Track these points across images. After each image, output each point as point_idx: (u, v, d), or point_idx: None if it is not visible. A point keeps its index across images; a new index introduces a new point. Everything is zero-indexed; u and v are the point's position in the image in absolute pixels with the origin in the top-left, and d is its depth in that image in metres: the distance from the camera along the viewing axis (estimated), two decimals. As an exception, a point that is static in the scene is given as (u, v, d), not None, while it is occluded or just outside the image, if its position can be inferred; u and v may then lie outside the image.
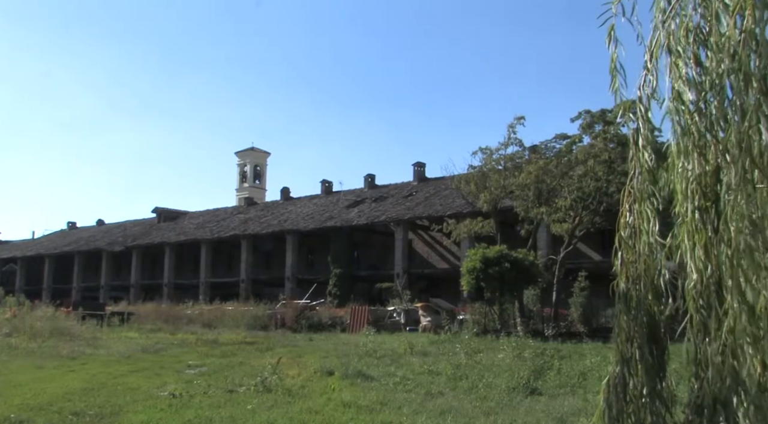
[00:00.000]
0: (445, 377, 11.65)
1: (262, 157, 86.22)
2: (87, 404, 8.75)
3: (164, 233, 56.45)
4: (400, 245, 40.53)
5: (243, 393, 9.79)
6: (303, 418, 7.89)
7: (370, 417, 7.96)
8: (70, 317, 26.44)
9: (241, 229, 50.03)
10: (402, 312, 28.50)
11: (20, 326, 21.92)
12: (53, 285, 60.28)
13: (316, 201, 52.49)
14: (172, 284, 51.85)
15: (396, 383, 10.98)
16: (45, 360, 14.77)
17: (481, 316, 24.21)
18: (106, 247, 57.61)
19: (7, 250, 71.18)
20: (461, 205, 35.07)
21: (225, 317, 30.09)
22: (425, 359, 14.48)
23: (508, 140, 27.45)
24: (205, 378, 11.56)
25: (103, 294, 54.91)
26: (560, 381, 11.15)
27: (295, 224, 46.74)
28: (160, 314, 31.89)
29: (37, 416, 8.02)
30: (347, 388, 10.33)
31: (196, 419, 7.83)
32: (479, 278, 22.70)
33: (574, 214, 24.24)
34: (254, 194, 72.85)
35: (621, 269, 3.28)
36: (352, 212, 45.54)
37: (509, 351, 14.63)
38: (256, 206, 59.42)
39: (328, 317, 30.07)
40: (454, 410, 8.41)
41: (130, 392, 9.87)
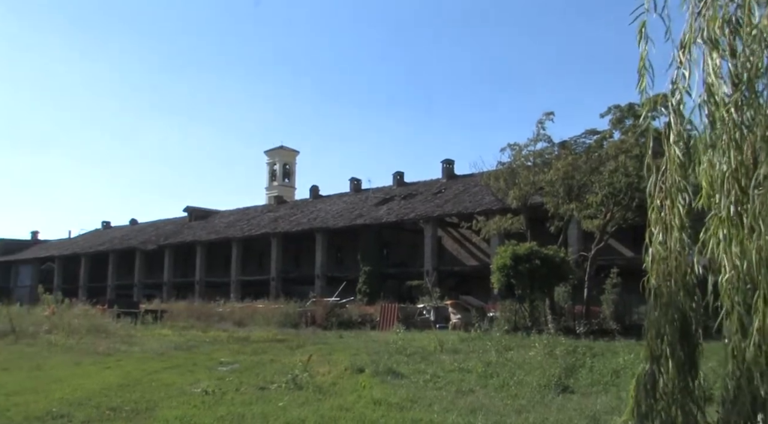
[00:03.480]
0: (476, 375, 11.61)
1: (291, 156, 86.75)
2: (123, 400, 8.93)
3: (196, 232, 57.15)
4: (430, 243, 40.43)
5: (274, 390, 9.88)
6: (334, 415, 7.93)
7: (401, 415, 7.97)
8: (105, 315, 27.01)
9: (271, 227, 50.40)
10: (432, 310, 28.43)
11: (59, 323, 22.46)
12: (89, 283, 61.50)
13: (346, 199, 52.63)
14: (204, 282, 52.47)
15: (426, 380, 10.98)
16: (82, 356, 15.11)
17: (511, 313, 24.03)
18: (140, 246, 58.56)
19: (45, 249, 72.75)
20: (490, 202, 34.84)
21: (256, 315, 30.39)
22: (455, 357, 14.44)
23: (537, 136, 27.21)
24: (236, 375, 11.70)
25: (136, 292, 55.82)
26: (593, 379, 11.02)
27: (324, 222, 46.94)
28: (192, 312, 32.31)
29: (76, 410, 8.21)
30: (377, 385, 10.36)
31: (229, 415, 7.92)
32: (509, 275, 22.55)
33: (605, 210, 23.93)
34: (284, 193, 73.35)
35: (652, 265, 3.24)
36: (381, 209, 45.57)
37: (540, 349, 14.50)
38: (285, 205, 59.81)
39: (357, 314, 30.15)
40: (485, 408, 8.38)
41: (164, 389, 10.05)
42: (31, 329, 21.48)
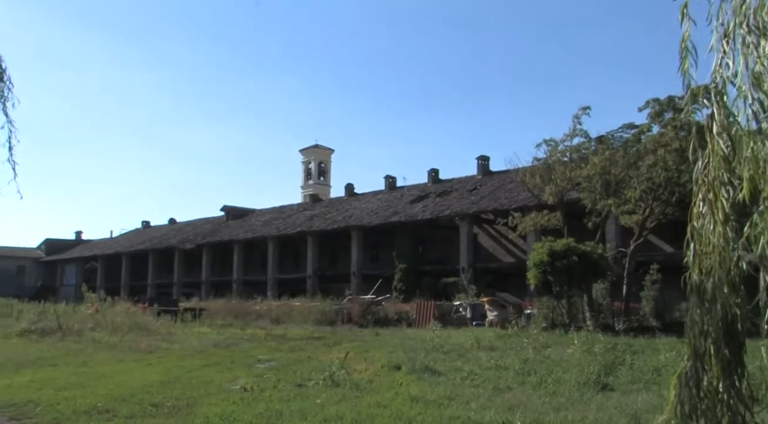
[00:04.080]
0: (513, 372, 11.52)
1: (326, 154, 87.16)
2: (164, 396, 9.10)
3: (233, 231, 57.88)
4: (465, 240, 40.24)
5: (312, 387, 9.95)
6: (371, 412, 7.95)
7: (438, 412, 7.96)
8: (146, 313, 27.57)
9: (307, 225, 50.76)
10: (468, 307, 28.33)
11: (102, 321, 23.02)
12: (130, 282, 62.83)
13: (381, 197, 52.71)
14: (241, 280, 53.09)
15: (463, 377, 10.94)
16: (125, 353, 15.46)
17: (548, 310, 23.80)
18: (178, 245, 59.55)
19: (89, 248, 74.56)
20: (526, 198, 34.54)
21: (293, 313, 30.68)
22: (492, 354, 14.35)
23: (574, 131, 26.90)
24: (274, 372, 11.81)
25: (175, 290, 56.77)
26: (633, 377, 10.84)
27: (359, 220, 47.08)
28: (230, 310, 32.74)
29: (120, 406, 8.40)
30: (414, 383, 10.36)
31: (267, 412, 8.00)
32: (546, 272, 22.35)
33: (644, 205, 23.52)
34: (319, 191, 73.77)
35: (693, 261, 3.16)
36: (417, 206, 45.53)
37: (578, 346, 14.31)
38: (321, 203, 60.18)
39: (394, 312, 30.19)
40: (523, 406, 8.31)
41: (203, 386, 10.20)
42: (76, 326, 22.06)
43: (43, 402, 8.75)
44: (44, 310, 27.99)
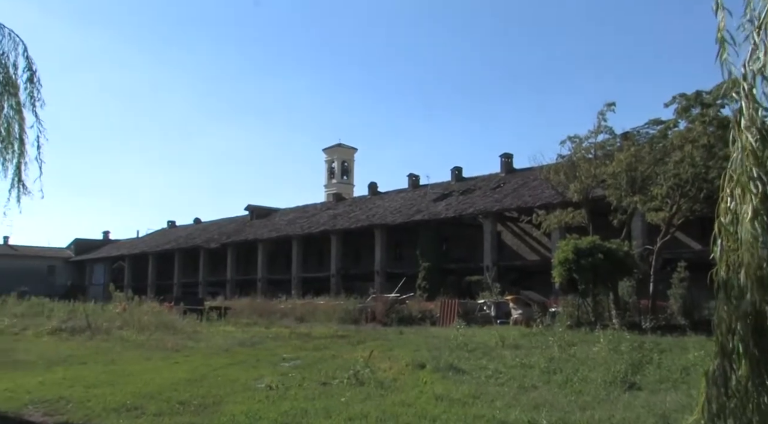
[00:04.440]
0: (539, 371, 11.46)
1: (349, 153, 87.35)
2: (191, 394, 9.21)
3: (257, 230, 58.26)
4: (489, 238, 40.06)
5: (336, 386, 10.00)
6: (396, 411, 7.96)
7: (463, 410, 7.94)
8: (172, 312, 27.90)
9: (331, 224, 50.91)
10: (492, 305, 28.20)
11: (130, 319, 23.37)
12: (156, 281, 63.61)
13: (404, 195, 52.68)
14: (266, 279, 53.41)
15: (488, 376, 10.90)
16: (152, 352, 15.67)
17: (574, 308, 23.59)
18: (203, 244, 60.11)
19: (116, 248, 75.62)
20: (551, 196, 34.26)
21: (317, 311, 30.81)
22: (517, 353, 14.27)
23: (598, 128, 26.61)
24: (299, 371, 11.88)
25: (201, 290, 57.27)
26: (661, 376, 10.71)
27: (383, 219, 47.10)
28: (255, 309, 32.98)
29: (148, 403, 8.53)
30: (439, 381, 10.35)
31: (292, 410, 8.05)
32: (571, 270, 22.14)
33: (671, 202, 23.19)
34: (342, 190, 73.94)
35: (721, 257, 3.11)
36: (440, 205, 45.42)
37: (605, 344, 14.18)
38: (344, 202, 60.31)
39: (417, 310, 30.16)
40: (549, 404, 8.26)
41: (229, 384, 10.30)
42: (105, 325, 22.41)
43: (74, 399, 8.92)
44: (74, 309, 28.49)
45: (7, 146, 7.99)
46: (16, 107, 8.03)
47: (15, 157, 8.06)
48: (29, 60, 8.11)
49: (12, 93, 7.98)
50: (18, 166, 8.09)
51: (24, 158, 8.12)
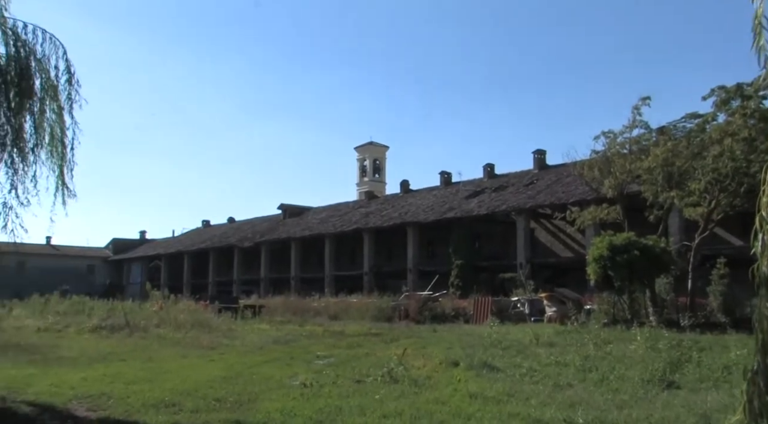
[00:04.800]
0: (574, 369, 11.32)
1: (381, 152, 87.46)
2: (227, 392, 9.32)
3: (290, 229, 58.67)
4: (522, 235, 39.74)
5: (370, 383, 10.02)
6: (430, 408, 7.95)
7: (497, 408, 7.89)
8: (207, 310, 28.31)
9: (363, 222, 51.02)
10: (526, 302, 27.98)
11: (166, 318, 23.79)
12: (192, 280, 64.51)
13: (436, 192, 52.53)
14: (299, 277, 53.76)
15: (522, 374, 10.82)
16: (188, 349, 15.91)
17: (609, 306, 23.25)
18: (237, 243, 60.76)
19: (153, 248, 76.95)
20: (585, 192, 33.81)
21: (350, 309, 30.92)
22: (552, 350, 14.14)
23: (633, 123, 26.15)
24: (333, 368, 11.94)
25: (235, 288, 57.85)
26: (701, 374, 10.48)
27: (415, 216, 47.04)
28: (289, 307, 33.24)
29: (185, 400, 8.66)
30: (473, 379, 10.30)
31: (327, 407, 8.10)
32: (606, 267, 21.81)
33: (709, 197, 22.68)
34: (374, 188, 74.04)
35: (762, 253, 3.03)
36: (472, 202, 45.18)
37: (641, 342, 13.94)
38: (376, 200, 60.38)
39: (450, 308, 30.07)
40: (585, 403, 8.16)
41: (264, 381, 10.40)
42: (142, 323, 22.86)
43: (114, 395, 9.12)
44: (113, 307, 29.10)
45: (52, 151, 8.20)
46: (58, 111, 8.24)
47: (58, 160, 8.26)
48: (68, 62, 8.30)
49: (53, 96, 8.19)
50: (61, 169, 8.29)
51: (66, 161, 8.31)
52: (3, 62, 8.05)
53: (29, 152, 8.21)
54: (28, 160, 8.20)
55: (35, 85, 8.16)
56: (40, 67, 8.17)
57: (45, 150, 8.24)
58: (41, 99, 8.23)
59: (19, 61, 8.03)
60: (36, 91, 8.16)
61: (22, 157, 8.13)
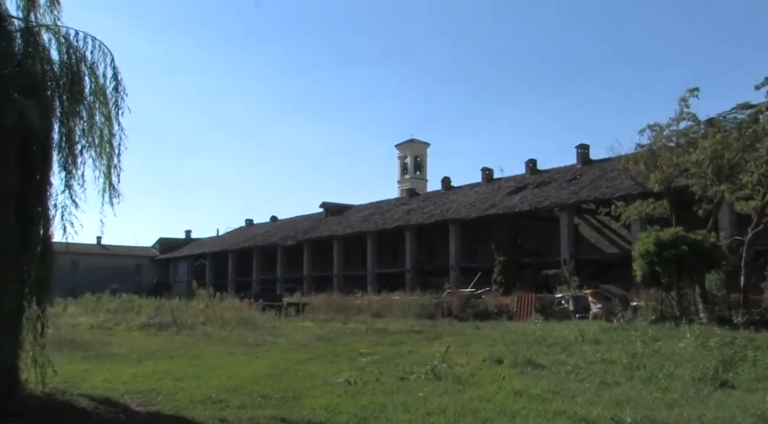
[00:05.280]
0: (621, 366, 11.10)
1: (422, 149, 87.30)
2: (272, 388, 9.43)
3: (332, 227, 59.07)
4: (566, 230, 39.24)
5: (414, 381, 10.01)
6: (474, 406, 7.90)
7: (542, 406, 7.80)
8: (252, 308, 28.69)
9: (405, 220, 51.04)
10: (571, 299, 27.58)
11: (212, 315, 24.20)
12: (236, 278, 65.52)
13: (477, 189, 52.22)
14: (342, 275, 54.09)
15: (568, 371, 10.66)
16: (234, 347, 16.14)
17: (657, 302, 22.71)
18: (280, 241, 61.44)
19: (198, 247, 78.43)
20: (630, 187, 33.15)
21: (392, 307, 30.95)
22: (598, 348, 13.89)
23: (681, 115, 25.49)
24: (376, 366, 11.95)
25: (279, 286, 58.56)
26: (757, 374, 10.10)
27: (457, 213, 46.85)
28: (332, 305, 33.45)
29: (231, 396, 8.80)
30: (517, 376, 10.20)
31: (371, 405, 8.12)
32: (653, 263, 21.32)
33: (763, 190, 21.96)
34: (416, 185, 73.98)
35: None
36: (514, 198, 44.77)
37: (692, 340, 13.55)
38: (418, 197, 60.32)
39: (494, 305, 29.88)
40: (633, 401, 7.98)
41: (308, 378, 10.48)
42: (189, 321, 23.30)
43: (164, 391, 9.32)
44: (160, 305, 29.73)
45: (100, 153, 8.44)
46: (106, 115, 8.48)
47: (106, 162, 8.49)
48: (115, 70, 8.53)
49: (102, 102, 8.43)
50: (108, 170, 8.52)
51: (113, 163, 8.54)
52: (56, 69, 8.31)
53: (78, 154, 8.47)
54: (77, 162, 8.46)
55: (85, 91, 8.41)
56: (90, 74, 8.42)
57: (93, 152, 8.49)
58: (90, 103, 8.47)
59: (70, 67, 8.30)
60: (86, 96, 8.41)
61: (72, 159, 8.39)
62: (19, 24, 8.22)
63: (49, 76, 8.28)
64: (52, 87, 8.29)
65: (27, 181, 7.86)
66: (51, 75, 8.31)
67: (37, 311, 8.33)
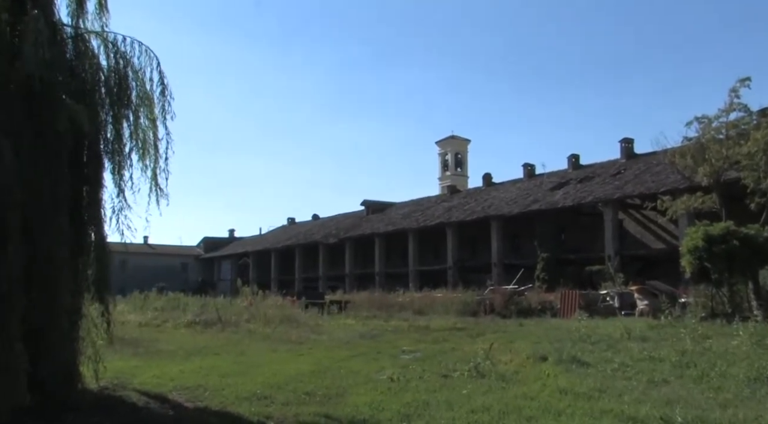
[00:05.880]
0: (669, 365, 10.83)
1: (463, 145, 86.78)
2: (316, 385, 9.51)
3: (373, 225, 59.24)
4: (610, 226, 38.57)
5: (457, 378, 9.97)
6: (518, 404, 7.84)
7: (588, 404, 7.68)
8: (294, 306, 28.99)
9: (446, 217, 50.88)
10: (616, 296, 27.11)
11: (256, 313, 24.54)
12: (279, 276, 66.27)
13: (519, 185, 51.72)
14: (383, 273, 54.20)
15: (614, 369, 10.46)
16: (278, 344, 16.34)
17: (707, 299, 22.12)
18: (322, 239, 61.90)
19: (241, 245, 79.63)
20: (676, 181, 32.38)
21: (434, 304, 30.89)
22: (645, 345, 13.59)
23: (731, 106, 24.79)
24: (419, 363, 11.95)
25: (321, 284, 59.04)
26: (817, 374, 9.74)
27: (498, 210, 46.50)
28: (374, 302, 33.51)
29: (276, 393, 8.92)
30: (562, 374, 10.07)
31: (414, 402, 8.12)
32: (702, 258, 20.77)
33: (819, 181, 21.23)
34: (456, 182, 73.61)
35: None
36: (557, 194, 44.20)
37: (745, 338, 13.13)
38: (459, 194, 60.06)
39: (537, 301, 29.57)
40: (683, 401, 7.78)
41: (352, 376, 10.53)
42: (233, 318, 23.68)
43: (210, 387, 9.51)
44: (205, 303, 30.28)
45: (145, 154, 8.65)
46: (151, 118, 8.68)
47: (152, 163, 8.70)
48: (161, 74, 8.71)
49: (148, 106, 8.64)
50: (154, 171, 8.73)
51: (158, 165, 8.75)
52: (104, 73, 8.55)
53: (126, 157, 8.70)
54: (126, 165, 8.70)
55: (132, 95, 8.63)
56: (136, 78, 8.64)
57: (139, 154, 8.70)
58: (136, 107, 8.69)
59: (117, 72, 8.53)
60: (132, 100, 8.63)
61: (122, 162, 8.63)
62: (70, 31, 8.48)
63: (97, 81, 8.52)
64: (100, 92, 8.53)
65: (79, 184, 8.11)
66: (100, 80, 8.55)
67: (100, 308, 8.60)
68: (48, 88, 7.42)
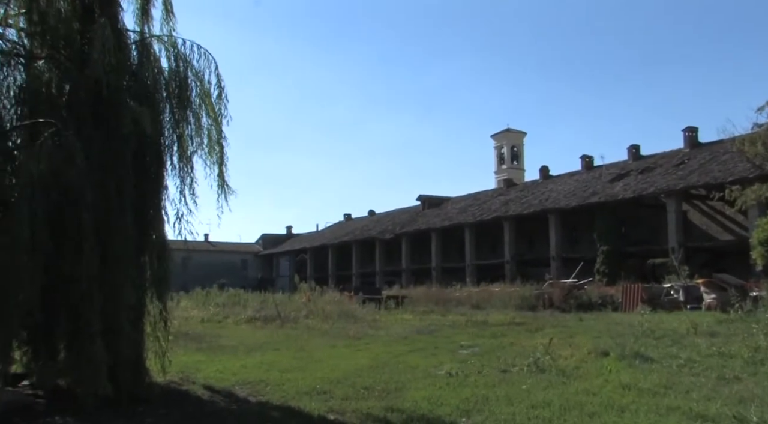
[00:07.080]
0: (741, 361, 10.41)
1: (519, 138, 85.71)
2: (374, 380, 9.57)
3: (429, 220, 59.12)
4: (674, 218, 37.38)
5: (516, 373, 9.88)
6: (580, 399, 7.71)
7: (654, 401, 7.48)
8: (352, 301, 29.23)
9: (503, 210, 50.36)
10: (680, 289, 26.25)
11: (314, 309, 24.87)
12: (336, 272, 66.85)
13: (577, 177, 50.71)
14: (440, 267, 54.03)
15: (680, 365, 10.15)
16: (336, 339, 16.50)
17: (780, 292, 21.23)
18: (378, 235, 62.15)
19: (299, 242, 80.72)
20: (745, 170, 31.12)
21: (492, 299, 30.64)
22: (713, 340, 13.12)
23: (803, 89, 23.63)
24: (477, 358, 11.88)
25: (378, 279, 59.23)
26: None
27: (556, 203, 45.73)
28: (431, 297, 33.46)
29: (335, 388, 9.02)
30: (624, 369, 9.84)
31: (473, 397, 8.08)
32: (775, 250, 19.96)
33: None
34: (513, 175, 72.77)
35: None
36: (617, 185, 43.13)
37: (826, 334, 12.54)
38: (515, 187, 59.32)
39: (597, 295, 29.01)
40: (758, 399, 7.45)
41: (410, 370, 10.55)
42: (292, 314, 24.06)
43: (271, 382, 9.69)
44: (265, 299, 30.84)
45: (210, 151, 8.88)
46: (213, 115, 8.90)
47: (217, 161, 8.91)
48: (219, 77, 8.92)
49: (208, 105, 8.87)
50: (220, 168, 8.94)
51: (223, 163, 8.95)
52: (166, 76, 8.81)
53: (189, 157, 8.94)
54: (189, 165, 8.93)
55: (192, 96, 8.87)
56: (196, 80, 8.87)
57: (203, 153, 8.92)
58: (197, 108, 8.92)
59: (178, 74, 8.78)
60: (192, 101, 8.86)
61: (185, 162, 8.88)
62: (134, 36, 8.78)
63: (159, 84, 8.79)
64: (162, 94, 8.79)
65: (142, 184, 8.37)
66: (161, 82, 8.81)
67: (159, 306, 8.87)
68: (113, 92, 7.70)
